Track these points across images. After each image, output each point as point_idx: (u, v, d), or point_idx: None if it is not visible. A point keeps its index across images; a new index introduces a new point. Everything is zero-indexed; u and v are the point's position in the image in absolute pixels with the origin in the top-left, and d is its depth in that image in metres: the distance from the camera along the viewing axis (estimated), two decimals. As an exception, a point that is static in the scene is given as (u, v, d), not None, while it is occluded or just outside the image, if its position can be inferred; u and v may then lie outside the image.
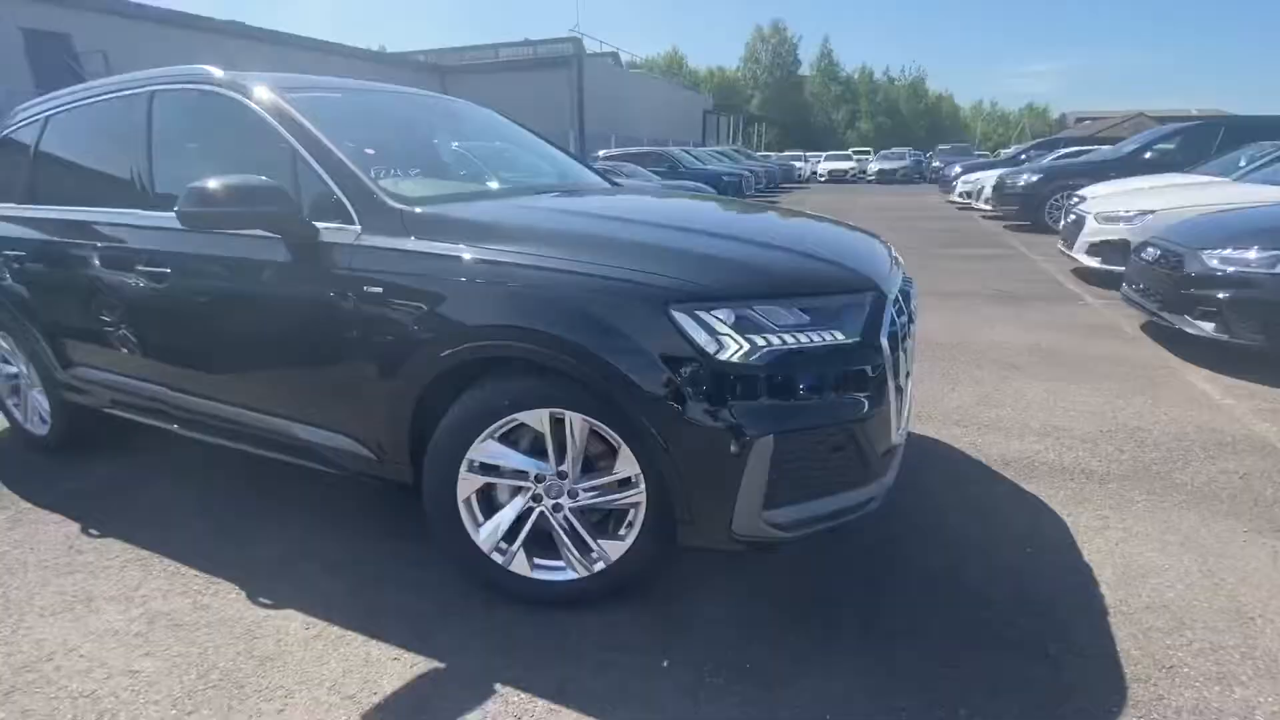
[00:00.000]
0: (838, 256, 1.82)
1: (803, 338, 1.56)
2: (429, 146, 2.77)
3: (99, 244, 2.44)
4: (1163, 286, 4.00)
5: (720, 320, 1.52)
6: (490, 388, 1.73)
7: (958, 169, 17.05)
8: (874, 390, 1.62)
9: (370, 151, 2.22)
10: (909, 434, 2.51)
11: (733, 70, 67.75)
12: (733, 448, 1.50)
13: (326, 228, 1.94)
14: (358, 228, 1.91)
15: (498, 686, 1.61)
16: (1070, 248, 6.35)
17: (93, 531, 2.37)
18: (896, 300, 1.84)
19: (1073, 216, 6.48)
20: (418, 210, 1.90)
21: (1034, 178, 10.25)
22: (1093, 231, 5.97)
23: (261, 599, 1.97)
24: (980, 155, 27.28)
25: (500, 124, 3.20)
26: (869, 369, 1.61)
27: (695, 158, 17.32)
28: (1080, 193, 7.85)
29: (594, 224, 1.94)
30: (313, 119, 2.09)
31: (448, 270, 1.75)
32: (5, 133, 3.00)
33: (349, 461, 2.07)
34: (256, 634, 1.83)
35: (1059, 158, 13.29)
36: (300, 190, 2.01)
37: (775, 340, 1.53)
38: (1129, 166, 9.15)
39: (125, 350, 2.48)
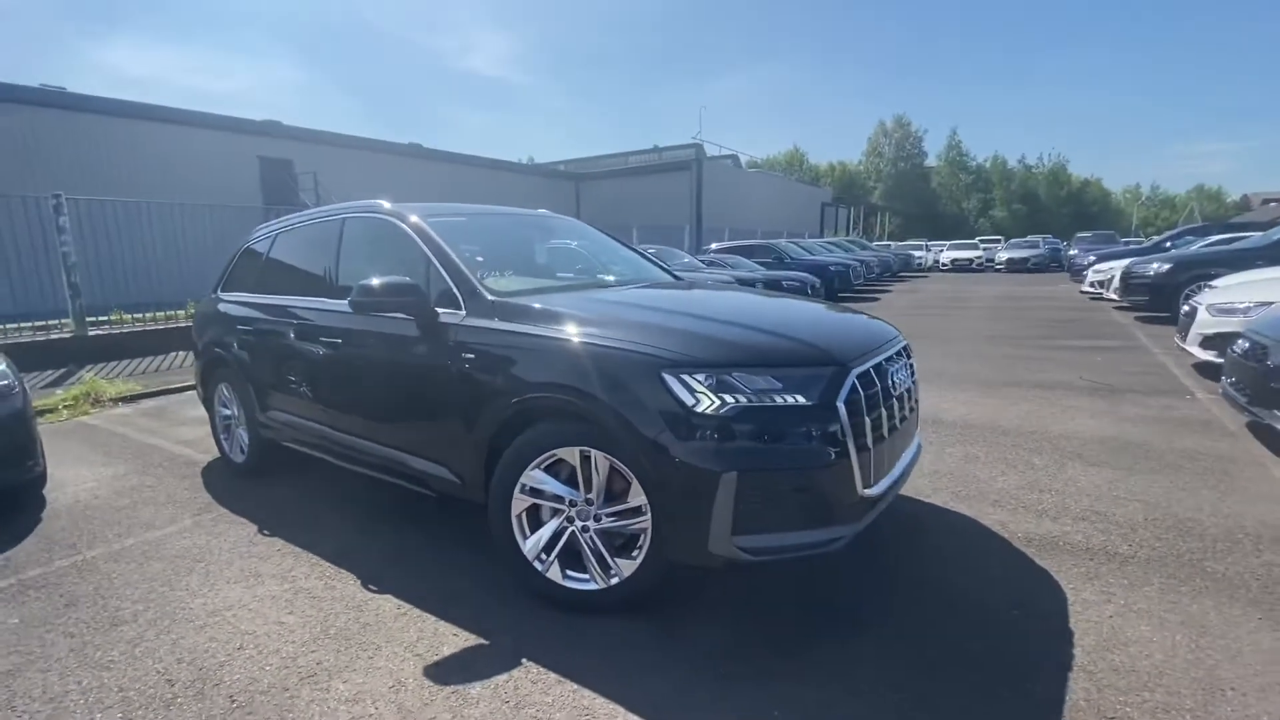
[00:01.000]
0: (807, 336, 2.26)
1: (767, 399, 2.00)
2: (526, 252, 3.59)
3: (297, 321, 3.42)
4: (1252, 379, 3.83)
5: (699, 382, 2.01)
6: (539, 428, 2.32)
7: (1091, 258, 16.09)
8: (829, 444, 2.01)
9: (480, 259, 3.01)
10: (921, 500, 2.75)
11: (854, 164, 68.77)
12: (704, 480, 1.94)
13: (444, 312, 2.70)
14: (463, 312, 2.65)
15: (524, 660, 2.09)
16: (1184, 340, 6.00)
17: (265, 532, 3.19)
18: (867, 373, 2.22)
19: (1186, 308, 6.15)
20: (502, 300, 2.61)
21: (1164, 266, 9.60)
22: (1204, 323, 5.65)
23: (370, 586, 2.62)
24: (1130, 242, 25.23)
25: (587, 232, 4.00)
26: (825, 427, 2.01)
27: (803, 249, 17.85)
28: (1214, 283, 7.38)
29: (624, 310, 2.53)
30: (443, 236, 2.93)
31: (518, 342, 2.41)
32: (248, 244, 4.25)
33: (443, 486, 2.72)
34: (364, 608, 2.46)
35: (1210, 244, 12.28)
36: (430, 285, 2.81)
37: (743, 399, 1.99)
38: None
39: (304, 399, 3.39)
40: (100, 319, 8.40)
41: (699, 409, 1.99)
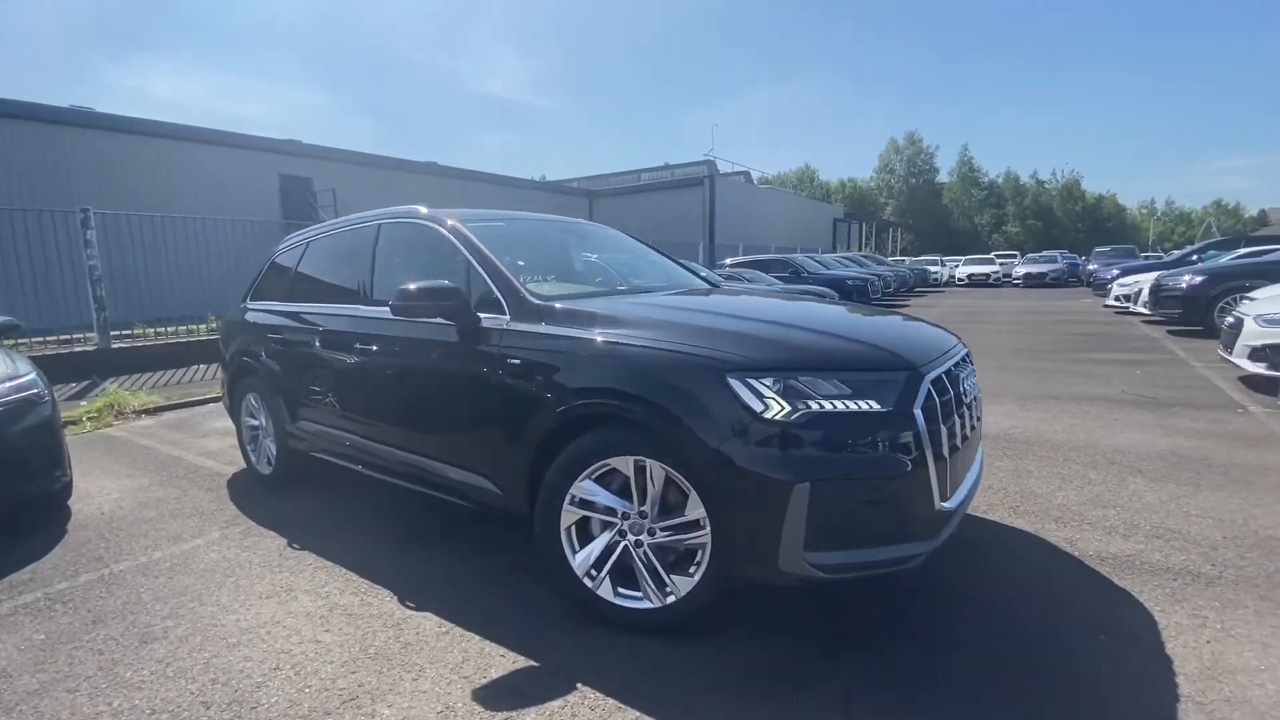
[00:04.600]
0: (877, 340, 2.14)
1: (839, 404, 1.88)
2: (565, 257, 3.50)
3: (332, 329, 3.34)
4: (1319, 392, 3.65)
5: (767, 386, 1.90)
6: (590, 436, 2.20)
7: (1115, 271, 15.87)
8: (906, 453, 1.88)
9: (521, 263, 2.93)
10: (977, 516, 2.61)
11: (865, 180, 68.82)
12: (775, 491, 1.82)
13: (486, 317, 2.61)
14: (507, 317, 2.56)
15: (579, 685, 1.95)
16: (1229, 353, 5.81)
17: (295, 545, 3.09)
18: (940, 379, 2.09)
19: (1230, 319, 5.97)
20: (548, 305, 2.51)
21: (1197, 279, 9.41)
22: (1252, 334, 5.47)
23: (408, 602, 2.50)
24: (1152, 257, 24.90)
25: (623, 240, 3.92)
26: (901, 435, 1.88)
27: (820, 263, 17.75)
28: (1251, 295, 7.19)
29: (675, 314, 2.42)
30: (483, 241, 2.85)
31: (566, 347, 2.31)
32: (276, 255, 4.20)
33: (481, 497, 2.61)
34: (403, 626, 2.33)
35: (1239, 257, 12.04)
36: (470, 290, 2.73)
37: (814, 405, 1.87)
38: (1318, 266, 8.19)
39: (337, 408, 3.30)
40: (123, 332, 8.43)
41: (767, 415, 1.87)
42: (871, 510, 1.87)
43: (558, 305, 2.51)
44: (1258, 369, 5.39)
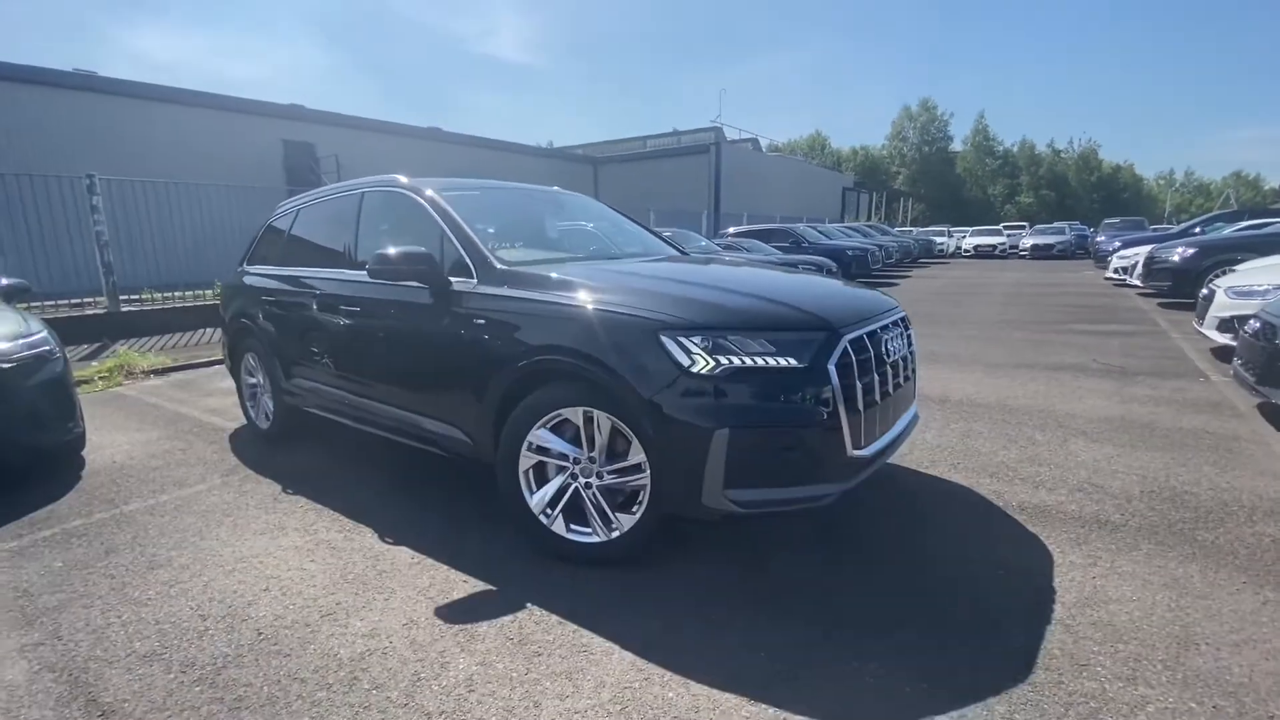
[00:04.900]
0: (800, 303, 2.33)
1: (760, 360, 2.09)
2: (538, 225, 3.69)
3: (319, 291, 3.56)
4: (1259, 359, 3.82)
5: (695, 344, 2.11)
6: (545, 390, 2.43)
7: (1117, 244, 15.78)
8: (819, 405, 2.09)
9: (491, 230, 3.12)
10: (918, 470, 2.83)
11: (877, 148, 67.61)
12: (698, 437, 2.04)
13: (456, 280, 2.82)
14: (475, 280, 2.76)
15: (528, 605, 2.22)
16: (1201, 324, 5.94)
17: (289, 490, 3.36)
18: (860, 339, 2.29)
19: (1205, 291, 6.07)
20: (511, 269, 2.71)
21: (1189, 251, 9.42)
22: (1222, 306, 5.58)
23: (387, 538, 2.77)
24: (1160, 229, 24.59)
25: (600, 209, 4.09)
26: (815, 389, 2.09)
27: (822, 233, 17.73)
28: (1237, 267, 7.27)
29: (626, 279, 2.62)
30: (457, 209, 3.04)
31: (525, 309, 2.52)
32: (271, 220, 4.41)
33: (454, 446, 2.85)
34: (380, 558, 2.61)
35: (1240, 229, 11.99)
36: (443, 255, 2.93)
37: (736, 360, 2.08)
38: (1311, 239, 8.21)
39: (325, 365, 3.54)
40: (131, 296, 8.70)
41: (694, 370, 2.08)
42: (785, 454, 2.09)
43: (520, 270, 2.71)
44: (1224, 340, 5.52)
